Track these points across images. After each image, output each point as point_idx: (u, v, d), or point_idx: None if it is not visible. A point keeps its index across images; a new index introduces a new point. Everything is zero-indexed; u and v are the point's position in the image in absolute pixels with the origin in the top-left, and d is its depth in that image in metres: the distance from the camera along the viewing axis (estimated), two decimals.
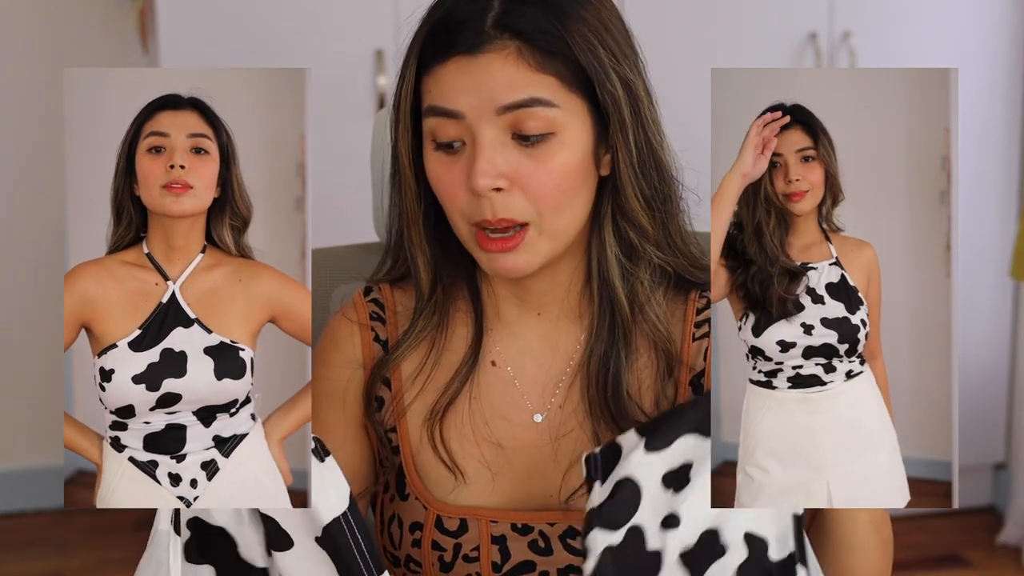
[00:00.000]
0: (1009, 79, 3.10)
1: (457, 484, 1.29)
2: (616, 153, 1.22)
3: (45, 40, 3.24)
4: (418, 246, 1.28)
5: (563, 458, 1.29)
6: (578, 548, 1.27)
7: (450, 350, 1.31)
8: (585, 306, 1.29)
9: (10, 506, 3.39)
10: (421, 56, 1.22)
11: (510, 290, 1.29)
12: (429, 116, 1.21)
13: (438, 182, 1.22)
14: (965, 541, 3.17)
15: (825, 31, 2.96)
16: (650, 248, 1.26)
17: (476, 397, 1.30)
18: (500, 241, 1.19)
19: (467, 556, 1.27)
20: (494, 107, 1.17)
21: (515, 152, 1.18)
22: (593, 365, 1.27)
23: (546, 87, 1.18)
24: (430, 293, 1.29)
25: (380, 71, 2.75)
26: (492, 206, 1.18)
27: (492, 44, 1.18)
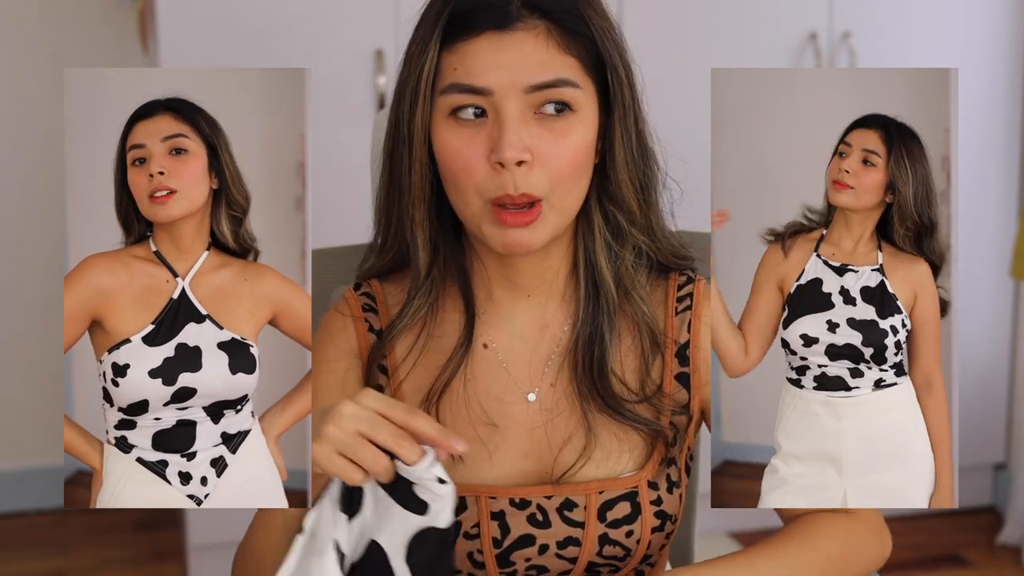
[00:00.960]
0: (1009, 79, 3.10)
1: (455, 465, 1.29)
2: (614, 138, 1.27)
3: (45, 40, 3.23)
4: (419, 224, 1.29)
5: (555, 438, 1.32)
6: (576, 520, 1.30)
7: (441, 333, 1.33)
8: (572, 289, 1.33)
9: (10, 506, 3.39)
10: (444, 33, 1.23)
11: (502, 273, 1.32)
12: (452, 93, 1.22)
13: (456, 157, 1.23)
14: (965, 541, 3.17)
15: (825, 31, 2.96)
16: (636, 232, 1.30)
17: (470, 379, 1.32)
18: (520, 215, 1.22)
19: (467, 533, 1.29)
20: (523, 85, 1.21)
21: (536, 126, 1.22)
22: (580, 348, 1.31)
23: (570, 68, 1.23)
24: (427, 272, 1.31)
25: (380, 71, 2.75)
26: (514, 180, 1.21)
27: (523, 22, 1.22)
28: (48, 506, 3.38)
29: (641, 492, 1.31)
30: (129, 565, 3.11)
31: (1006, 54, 3.08)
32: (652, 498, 1.31)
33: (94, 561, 3.14)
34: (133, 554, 3.16)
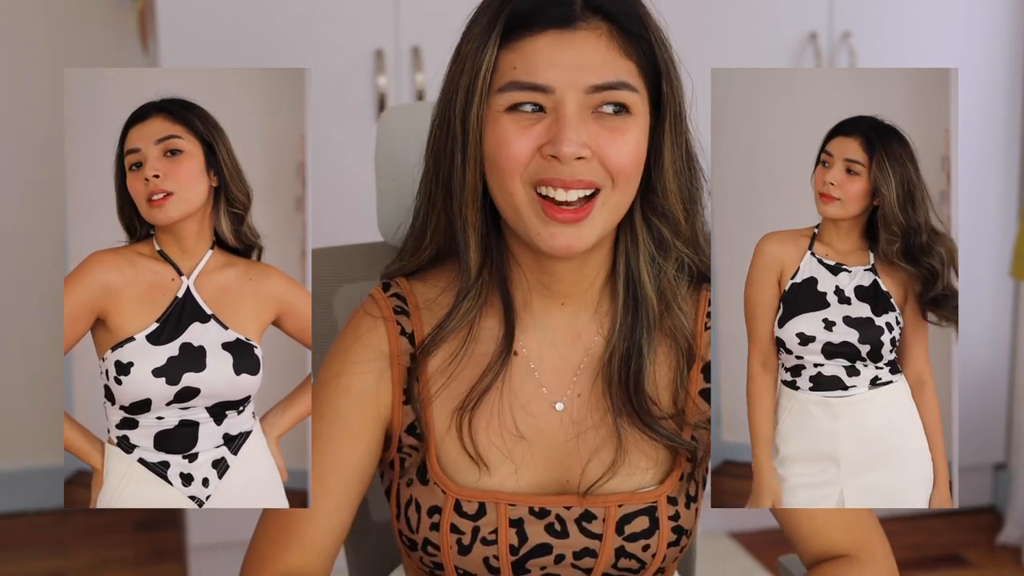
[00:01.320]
0: (1009, 79, 3.10)
1: (481, 474, 1.29)
2: (663, 146, 1.25)
3: (45, 40, 3.23)
4: (472, 225, 1.27)
5: (584, 451, 1.31)
6: (593, 531, 1.29)
7: (480, 339, 1.30)
8: (607, 299, 1.31)
9: (10, 506, 3.39)
10: (504, 30, 1.22)
11: (539, 279, 1.30)
12: (511, 91, 1.21)
13: (508, 144, 1.21)
14: (965, 541, 3.17)
15: (825, 31, 2.96)
16: (680, 244, 1.29)
17: (505, 389, 1.30)
18: (570, 212, 1.21)
19: (485, 539, 1.29)
20: (584, 85, 1.20)
21: (595, 125, 1.21)
22: (616, 361, 1.29)
23: (629, 72, 1.23)
24: (477, 274, 1.28)
25: (380, 71, 2.75)
26: (572, 170, 1.20)
27: (585, 22, 1.21)
28: (48, 506, 3.38)
29: (660, 507, 1.30)
30: (129, 565, 3.11)
31: (1006, 54, 3.08)
32: (670, 513, 1.31)
33: (94, 561, 3.14)
34: (133, 554, 3.16)
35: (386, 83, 2.76)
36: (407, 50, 2.75)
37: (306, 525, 1.26)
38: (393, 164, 1.52)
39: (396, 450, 1.32)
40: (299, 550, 1.26)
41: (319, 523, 1.26)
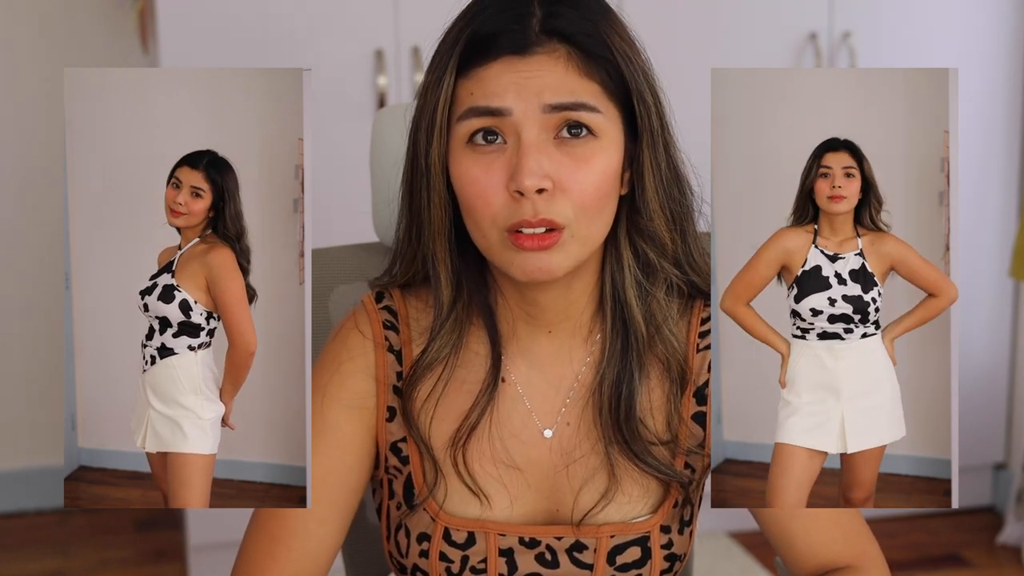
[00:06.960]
0: (1009, 79, 3.10)
1: (483, 508, 1.28)
2: (643, 168, 1.22)
3: (45, 40, 3.24)
4: (442, 261, 1.26)
5: (574, 480, 1.29)
6: (584, 562, 1.28)
7: (464, 367, 1.29)
8: (595, 325, 1.29)
9: (10, 506, 3.39)
10: (460, 61, 1.20)
11: (523, 308, 1.28)
12: (469, 118, 1.18)
13: (473, 185, 1.19)
14: (965, 541, 3.17)
15: (825, 31, 2.96)
16: (667, 266, 1.26)
17: (494, 419, 1.29)
18: (537, 238, 1.17)
19: (474, 568, 1.28)
20: (541, 104, 1.17)
21: (557, 153, 1.17)
22: (606, 388, 1.27)
23: (591, 93, 1.18)
24: (450, 309, 1.27)
25: (380, 71, 2.75)
26: (534, 207, 1.16)
27: (542, 47, 1.18)
28: (48, 506, 3.38)
29: (653, 537, 1.29)
30: (129, 565, 3.12)
31: (1006, 54, 3.08)
32: (663, 542, 1.29)
33: (94, 561, 3.14)
34: (133, 554, 3.16)
35: (386, 83, 2.76)
36: (407, 50, 2.76)
37: (296, 533, 1.26)
38: (388, 163, 1.52)
39: (383, 470, 1.32)
40: (290, 559, 1.25)
41: (310, 531, 1.26)
